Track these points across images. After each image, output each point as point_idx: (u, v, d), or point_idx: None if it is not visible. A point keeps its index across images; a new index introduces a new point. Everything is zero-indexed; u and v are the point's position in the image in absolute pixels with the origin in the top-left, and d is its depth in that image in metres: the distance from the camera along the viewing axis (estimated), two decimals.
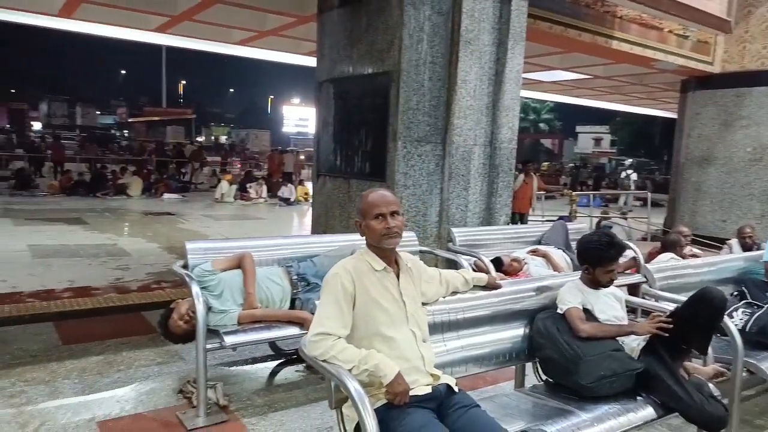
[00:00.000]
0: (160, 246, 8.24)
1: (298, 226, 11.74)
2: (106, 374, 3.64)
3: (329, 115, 5.76)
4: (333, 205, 5.65)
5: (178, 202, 14.70)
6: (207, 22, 8.84)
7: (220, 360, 3.91)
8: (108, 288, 5.65)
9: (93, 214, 11.44)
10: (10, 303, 4.91)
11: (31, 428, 2.92)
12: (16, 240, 8.12)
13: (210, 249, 3.52)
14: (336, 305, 2.04)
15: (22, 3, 8.29)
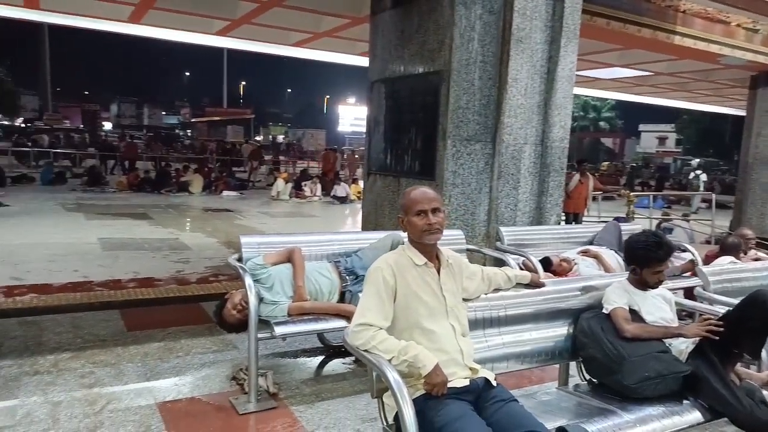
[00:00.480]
0: (219, 241, 8.59)
1: (350, 224, 11.92)
2: (166, 360, 3.87)
3: (380, 115, 5.85)
4: (383, 202, 5.74)
5: (237, 199, 15.20)
6: (265, 25, 9.13)
7: (271, 350, 4.07)
8: (169, 279, 5.96)
9: (157, 209, 12.02)
10: (82, 291, 5.27)
11: (99, 407, 3.14)
12: (87, 233, 8.65)
13: (263, 243, 3.68)
14: (377, 297, 2.12)
15: (96, 10, 8.82)
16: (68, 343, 4.08)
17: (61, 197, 13.14)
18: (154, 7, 8.25)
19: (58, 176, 16.69)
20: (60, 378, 3.48)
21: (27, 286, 5.33)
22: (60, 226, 9.29)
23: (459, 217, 4.99)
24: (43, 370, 3.57)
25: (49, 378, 3.47)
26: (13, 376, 3.47)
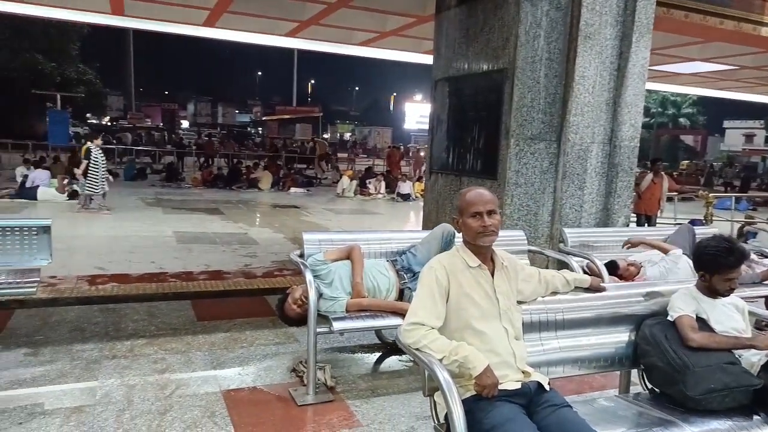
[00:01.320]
0: (285, 236, 8.85)
1: (412, 222, 11.95)
2: (232, 350, 4.05)
3: (443, 113, 5.84)
4: (444, 201, 5.74)
5: (303, 196, 15.58)
6: (332, 26, 9.31)
7: (330, 344, 4.17)
8: (237, 273, 6.21)
9: (228, 205, 12.53)
10: (157, 282, 5.59)
11: (169, 391, 3.34)
12: (164, 226, 9.15)
13: (324, 240, 3.78)
14: (430, 297, 2.14)
15: (174, 16, 9.30)
16: (143, 330, 4.35)
17: (141, 192, 13.96)
18: (228, 11, 8.60)
19: (140, 172, 17.72)
20: (135, 363, 3.72)
21: (109, 276, 5.71)
22: (140, 219, 9.88)
23: (521, 217, 4.91)
24: (120, 355, 3.83)
25: (126, 362, 3.72)
26: (94, 359, 3.74)
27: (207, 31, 10.29)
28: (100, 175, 10.39)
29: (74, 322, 4.46)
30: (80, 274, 5.65)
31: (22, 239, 3.47)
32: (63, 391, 3.28)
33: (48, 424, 2.88)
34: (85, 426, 2.89)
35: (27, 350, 3.83)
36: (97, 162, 10.34)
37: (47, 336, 4.12)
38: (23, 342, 3.97)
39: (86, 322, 4.45)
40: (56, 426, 2.87)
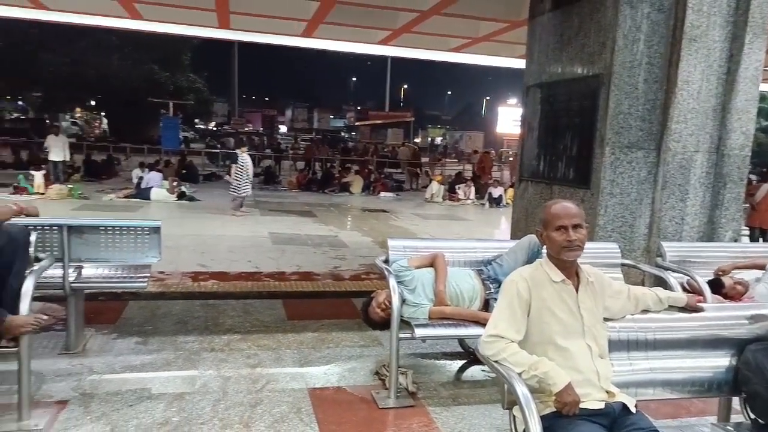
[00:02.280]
0: (373, 240, 9.03)
1: (501, 230, 11.75)
2: (319, 349, 4.21)
3: (534, 120, 5.72)
4: (534, 210, 5.61)
5: (393, 200, 15.78)
6: (424, 33, 9.40)
7: (413, 350, 4.22)
8: (326, 275, 6.43)
9: (321, 208, 12.97)
10: (253, 281, 5.92)
11: (260, 385, 3.54)
12: (261, 227, 9.65)
13: (408, 247, 3.84)
14: (510, 310, 2.13)
15: (275, 28, 9.80)
16: (239, 326, 4.63)
17: None
18: (324, 22, 8.94)
19: None
20: (231, 356, 3.97)
21: (210, 273, 6.12)
22: (239, 219, 10.47)
23: (615, 229, 4.70)
24: (218, 348, 4.11)
25: (222, 355, 3.98)
26: (195, 351, 4.03)
27: (305, 41, 10.76)
28: (243, 180, 11.14)
29: (178, 315, 4.83)
30: (185, 271, 6.09)
31: (136, 238, 3.82)
32: (167, 378, 3.57)
33: (153, 408, 3.16)
34: (185, 412, 3.13)
35: (138, 339, 4.20)
36: (242, 167, 11.09)
37: (155, 327, 4.50)
38: (135, 331, 4.36)
39: (189, 316, 4.81)
40: (160, 410, 3.14)
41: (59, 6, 9.04)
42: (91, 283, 3.94)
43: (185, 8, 8.59)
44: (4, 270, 2.88)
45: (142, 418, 3.03)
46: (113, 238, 3.77)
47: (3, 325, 2.70)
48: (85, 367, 3.63)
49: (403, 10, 8.17)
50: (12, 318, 2.74)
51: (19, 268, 2.94)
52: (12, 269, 2.90)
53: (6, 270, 2.88)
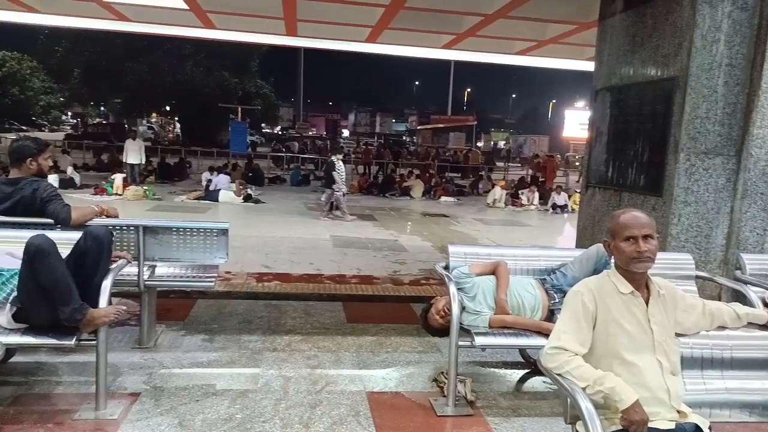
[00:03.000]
0: (433, 245, 8.99)
1: (565, 237, 11.42)
2: (377, 353, 4.23)
3: (603, 125, 5.53)
4: (601, 218, 5.42)
5: (454, 205, 15.67)
6: (489, 36, 9.28)
7: (472, 358, 4.17)
8: (386, 278, 6.46)
9: (381, 212, 13.05)
10: (314, 283, 6.03)
11: (319, 387, 3.59)
12: (323, 230, 9.82)
13: (469, 253, 3.79)
14: (575, 322, 2.06)
15: (340, 34, 9.98)
16: (300, 327, 4.72)
17: (304, 197, 15.10)
18: (388, 28, 9.00)
19: (304, 178, 19.18)
20: (292, 357, 4.06)
21: (273, 274, 6.29)
22: (302, 222, 10.71)
23: (690, 239, 4.47)
24: (279, 348, 4.21)
25: (284, 355, 4.07)
26: (258, 350, 4.15)
27: (369, 46, 10.86)
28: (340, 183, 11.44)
29: (243, 314, 4.98)
30: (250, 272, 6.28)
31: (206, 239, 3.97)
32: (231, 375, 3.69)
33: (218, 404, 3.27)
34: (247, 410, 3.22)
35: (204, 336, 4.37)
36: (340, 173, 11.44)
37: (221, 325, 4.66)
38: (202, 329, 4.53)
39: (253, 316, 4.95)
40: (225, 407, 3.24)
41: (141, 18, 9.56)
42: (164, 282, 4.13)
43: (255, 17, 8.89)
44: (90, 270, 3.07)
45: (208, 414, 3.15)
46: (185, 239, 3.94)
47: (86, 317, 2.88)
48: (156, 362, 3.81)
49: (468, 14, 8.11)
50: (93, 310, 2.92)
51: (104, 269, 3.12)
52: (98, 270, 3.09)
53: (92, 270, 3.08)
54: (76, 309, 2.86)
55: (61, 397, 3.26)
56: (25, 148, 3.62)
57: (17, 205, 3.47)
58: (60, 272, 2.85)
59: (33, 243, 2.80)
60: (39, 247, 2.79)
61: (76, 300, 2.87)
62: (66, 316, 2.86)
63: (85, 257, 3.06)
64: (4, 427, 2.86)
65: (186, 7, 8.19)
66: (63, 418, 3.00)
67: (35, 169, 3.63)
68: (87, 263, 3.06)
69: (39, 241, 2.81)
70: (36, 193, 3.49)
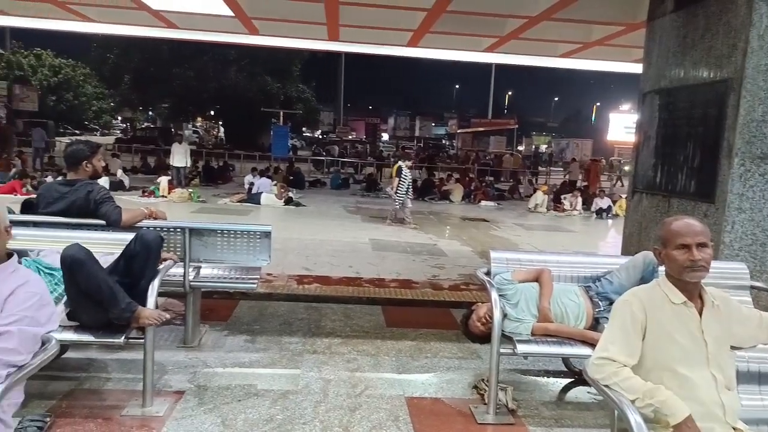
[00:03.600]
0: (473, 250, 8.91)
1: (610, 243, 11.13)
2: (416, 358, 4.21)
3: (651, 128, 5.37)
4: (648, 224, 5.26)
5: (494, 209, 15.50)
6: (532, 39, 9.15)
7: (513, 365, 4.10)
8: (425, 283, 6.43)
9: (420, 216, 13.00)
10: (353, 286, 6.05)
11: (359, 390, 3.60)
12: (362, 233, 9.85)
13: (512, 259, 3.73)
14: (623, 332, 2.00)
15: (381, 38, 10.01)
16: (340, 330, 4.75)
17: (344, 200, 15.21)
18: (430, 31, 8.98)
19: (344, 182, 19.33)
20: (332, 359, 4.08)
21: (313, 277, 6.34)
22: (342, 226, 10.78)
23: (744, 247, 4.28)
24: (319, 351, 4.23)
25: (324, 358, 4.10)
26: (298, 352, 4.19)
27: (410, 50, 10.87)
28: (405, 191, 11.47)
29: (284, 316, 5.04)
30: (290, 274, 6.36)
31: (249, 241, 4.04)
32: (272, 376, 3.74)
33: (260, 404, 3.31)
34: (288, 411, 3.25)
35: (246, 337, 4.44)
36: (406, 179, 11.46)
37: (262, 326, 4.73)
38: (244, 329, 4.61)
39: (293, 318, 5.00)
40: (266, 407, 3.28)
41: (188, 25, 9.83)
42: (208, 282, 4.21)
43: (298, 23, 9.01)
44: (138, 272, 3.17)
45: (249, 414, 3.19)
46: (229, 241, 4.02)
47: (134, 314, 2.97)
48: (200, 361, 3.89)
49: (511, 16, 8.01)
50: (142, 309, 3.01)
51: (152, 272, 3.21)
52: (145, 272, 3.18)
53: (140, 272, 3.17)
54: (123, 308, 2.95)
55: (110, 393, 3.36)
56: (79, 151, 3.77)
57: (72, 206, 3.61)
58: (100, 278, 2.91)
59: (67, 254, 2.84)
60: (74, 257, 2.84)
61: (122, 300, 2.95)
62: (115, 316, 2.96)
63: (134, 260, 3.15)
64: (58, 421, 2.97)
65: (231, 14, 8.38)
66: (112, 414, 3.09)
67: (90, 171, 3.77)
68: (135, 266, 3.16)
69: (73, 251, 2.85)
70: (90, 195, 3.62)
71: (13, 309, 1.95)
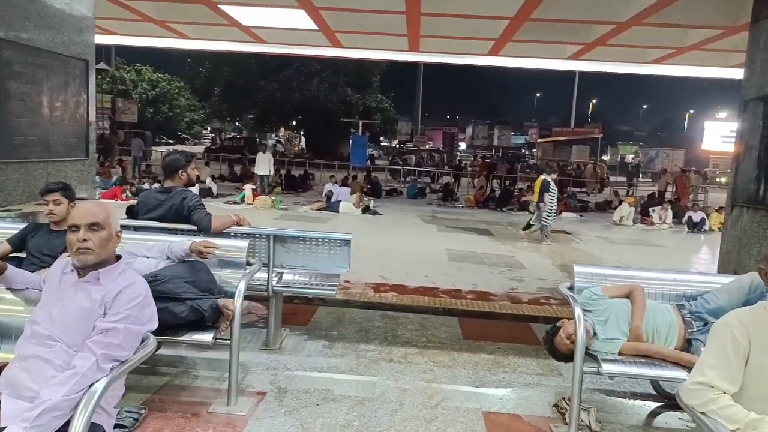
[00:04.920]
0: (554, 263, 8.63)
1: (703, 261, 10.42)
2: (494, 372, 4.12)
3: (754, 138, 5.00)
4: (749, 241, 4.89)
5: (576, 221, 14.95)
6: (620, 45, 8.80)
7: (597, 385, 3.92)
8: (503, 296, 6.30)
9: (498, 227, 12.78)
10: (429, 296, 6.03)
11: (435, 402, 3.57)
12: (438, 243, 9.81)
13: (597, 275, 3.58)
14: (723, 356, 1.86)
15: (461, 48, 9.99)
16: (416, 339, 4.74)
17: (420, 210, 15.21)
18: (512, 40, 8.86)
19: (420, 191, 19.33)
20: (408, 369, 4.08)
21: (390, 285, 6.38)
22: (418, 235, 10.78)
23: None
24: (395, 359, 4.25)
25: (400, 367, 4.11)
26: (374, 359, 4.22)
27: (491, 59, 10.77)
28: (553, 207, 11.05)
29: (361, 323, 5.11)
30: (367, 281, 6.43)
31: (330, 249, 4.14)
32: (349, 382, 3.79)
33: (337, 410, 3.37)
34: (364, 418, 3.28)
35: (325, 342, 4.53)
36: (554, 194, 11.10)
37: (340, 332, 4.81)
38: (323, 335, 4.71)
39: (370, 325, 5.06)
40: (343, 413, 3.33)
41: (275, 40, 10.27)
42: (290, 288, 4.35)
43: (380, 35, 9.18)
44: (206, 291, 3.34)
45: (327, 418, 3.25)
46: (310, 248, 4.13)
47: (219, 307, 3.14)
48: (281, 364, 4.01)
49: (598, 22, 7.75)
50: (222, 300, 3.20)
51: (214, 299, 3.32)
52: (212, 292, 3.36)
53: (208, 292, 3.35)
54: (209, 314, 3.12)
55: (197, 389, 3.54)
56: (176, 161, 4.02)
57: (168, 212, 3.86)
58: (181, 316, 3.07)
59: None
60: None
61: (204, 309, 3.12)
62: (206, 317, 3.13)
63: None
64: (151, 413, 3.16)
65: (316, 28, 8.66)
66: (199, 410, 3.25)
67: (185, 179, 4.01)
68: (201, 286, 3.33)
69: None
70: (184, 202, 3.85)
71: (119, 308, 2.10)
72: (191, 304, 3.10)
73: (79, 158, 5.78)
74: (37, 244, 3.53)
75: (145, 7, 8.33)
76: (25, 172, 4.97)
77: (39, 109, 5.11)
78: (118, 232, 2.28)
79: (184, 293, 3.12)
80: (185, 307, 3.08)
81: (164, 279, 3.10)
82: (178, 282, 3.14)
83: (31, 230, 3.65)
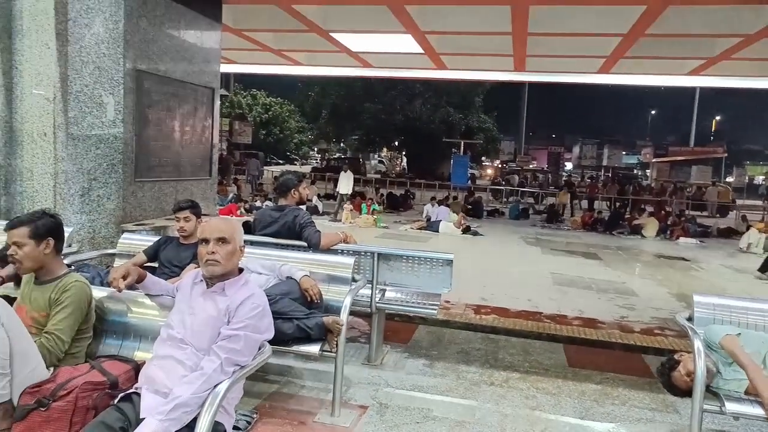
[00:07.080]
0: (670, 291, 8.06)
1: None
2: (602, 404, 3.93)
3: None
4: None
5: (695, 247, 13.87)
6: (747, 59, 8.14)
7: (719, 426, 3.62)
8: (612, 324, 5.99)
9: (607, 251, 12.16)
10: (533, 320, 5.87)
11: (537, 430, 3.48)
12: (542, 266, 9.52)
13: (719, 305, 3.34)
14: None
15: (568, 66, 9.73)
16: (518, 364, 4.64)
17: (523, 231, 14.85)
18: (625, 57, 8.49)
19: (523, 212, 18.89)
20: (509, 393, 4.00)
21: (491, 308, 6.30)
22: (520, 257, 10.54)
23: None
24: (496, 383, 4.18)
25: (501, 391, 4.04)
26: (475, 382, 4.19)
27: (601, 77, 10.38)
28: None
29: (461, 344, 5.08)
30: (468, 303, 6.38)
31: (432, 268, 4.20)
32: (449, 403, 3.79)
33: (436, 430, 3.38)
34: None
35: (425, 361, 4.56)
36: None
37: (440, 352, 4.82)
38: (423, 354, 4.74)
39: (470, 347, 5.02)
40: None
41: (381, 64, 10.60)
42: (392, 305, 4.44)
43: (485, 55, 9.18)
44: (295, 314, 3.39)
45: None
46: (413, 267, 4.21)
47: (324, 323, 3.27)
48: (382, 379, 4.09)
49: (722, 36, 7.23)
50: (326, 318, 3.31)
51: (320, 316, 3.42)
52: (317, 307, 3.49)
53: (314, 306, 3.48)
54: (314, 332, 3.26)
55: (304, 399, 3.71)
56: (289, 180, 4.28)
57: (282, 229, 4.12)
58: (289, 334, 3.21)
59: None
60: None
61: (310, 327, 3.25)
62: (312, 335, 3.29)
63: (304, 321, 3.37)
64: (262, 418, 3.36)
65: (422, 52, 8.84)
66: (305, 419, 3.40)
67: (297, 198, 4.27)
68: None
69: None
70: (296, 220, 4.09)
71: (242, 317, 2.29)
72: (298, 324, 3.25)
73: (203, 178, 6.30)
74: (167, 256, 3.90)
75: (264, 37, 8.96)
76: (158, 190, 5.50)
77: (171, 133, 5.65)
78: (242, 246, 2.48)
79: (292, 312, 3.29)
80: (292, 324, 3.24)
81: (274, 299, 3.29)
82: (285, 301, 3.32)
83: (163, 243, 4.04)
